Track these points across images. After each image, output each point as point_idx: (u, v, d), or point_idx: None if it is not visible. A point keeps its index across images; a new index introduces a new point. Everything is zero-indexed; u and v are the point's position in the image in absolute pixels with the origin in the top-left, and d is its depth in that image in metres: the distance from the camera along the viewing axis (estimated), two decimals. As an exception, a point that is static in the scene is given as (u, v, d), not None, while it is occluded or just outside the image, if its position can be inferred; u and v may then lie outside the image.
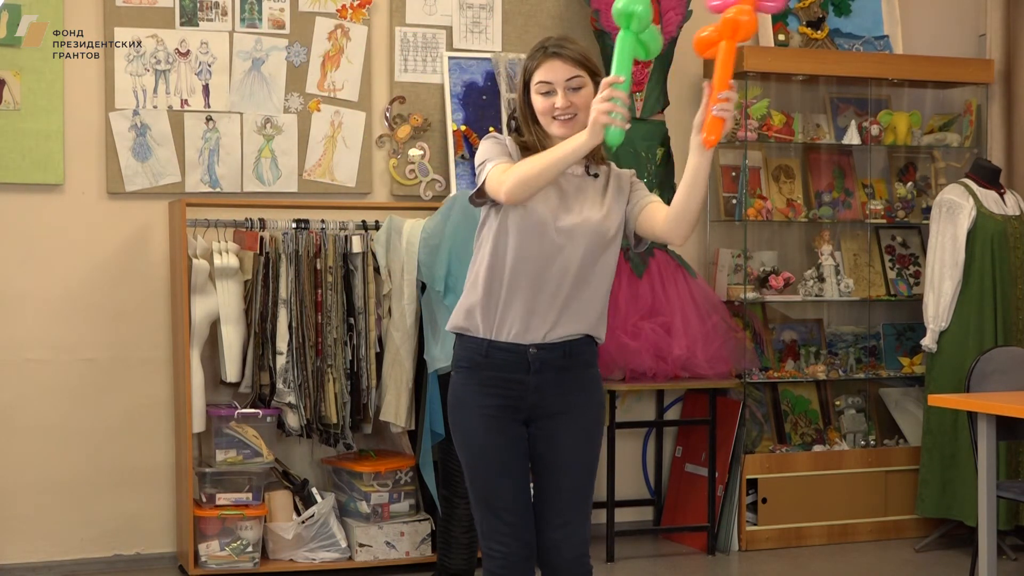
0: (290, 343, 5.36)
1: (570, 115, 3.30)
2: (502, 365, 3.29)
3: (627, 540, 6.01)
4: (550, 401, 3.31)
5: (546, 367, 3.29)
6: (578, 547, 3.34)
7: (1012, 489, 4.94)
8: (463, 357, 3.35)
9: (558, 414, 3.32)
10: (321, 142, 5.80)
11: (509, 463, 3.31)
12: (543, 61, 3.32)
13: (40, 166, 5.47)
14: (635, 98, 5.97)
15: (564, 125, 3.29)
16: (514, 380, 3.29)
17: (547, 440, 3.33)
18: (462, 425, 3.35)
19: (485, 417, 3.30)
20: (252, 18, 5.72)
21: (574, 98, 3.30)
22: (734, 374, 6.03)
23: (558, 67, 3.31)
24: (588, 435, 3.35)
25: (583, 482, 3.36)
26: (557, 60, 3.31)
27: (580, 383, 3.33)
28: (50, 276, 5.51)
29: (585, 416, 3.34)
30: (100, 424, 5.55)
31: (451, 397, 3.38)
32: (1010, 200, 6.14)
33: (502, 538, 3.30)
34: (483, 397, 3.30)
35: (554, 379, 3.30)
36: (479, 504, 3.34)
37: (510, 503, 3.30)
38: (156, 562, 5.60)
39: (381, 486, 5.48)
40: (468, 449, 3.34)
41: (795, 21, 6.51)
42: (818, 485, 6.14)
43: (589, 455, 3.36)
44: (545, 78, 3.31)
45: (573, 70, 3.31)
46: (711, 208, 6.38)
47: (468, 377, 3.33)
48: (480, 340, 3.30)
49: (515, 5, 6.09)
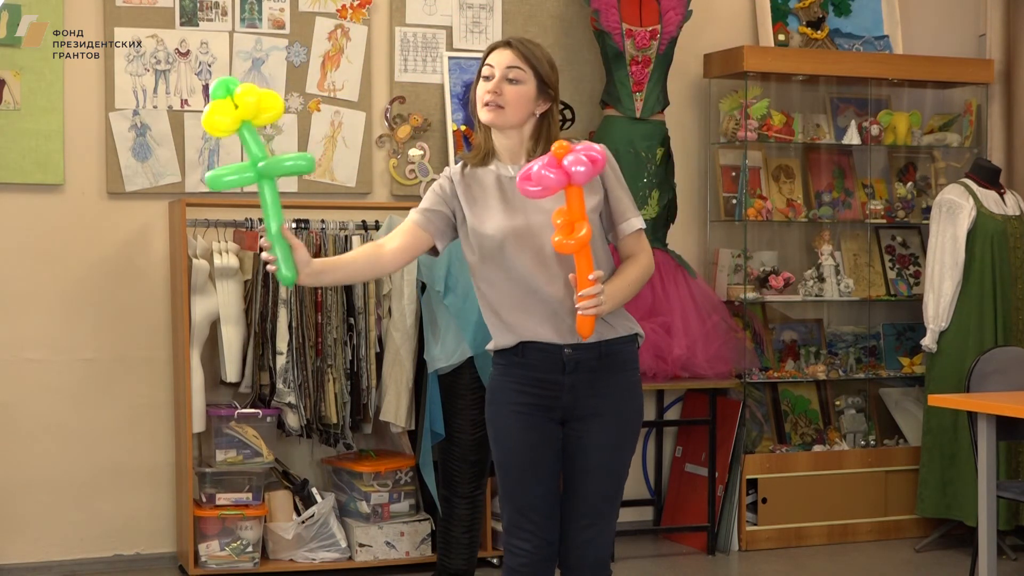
0: (290, 343, 5.36)
1: (497, 104, 3.26)
2: (537, 364, 3.28)
3: (627, 540, 6.01)
4: (584, 402, 3.30)
5: (581, 367, 3.27)
6: (601, 550, 3.34)
7: (1012, 489, 4.94)
8: (500, 354, 3.34)
9: (591, 416, 3.30)
10: (321, 142, 5.80)
11: (539, 462, 3.30)
12: (494, 49, 3.32)
13: (40, 166, 5.47)
14: (635, 98, 5.97)
15: (490, 112, 3.26)
16: (548, 380, 3.28)
17: (578, 442, 3.31)
18: (496, 422, 3.34)
19: (518, 415, 3.29)
20: (252, 18, 5.72)
21: (507, 88, 3.26)
22: (734, 374, 6.03)
23: (504, 55, 3.29)
24: (620, 440, 3.33)
25: (610, 487, 3.34)
26: (506, 49, 3.30)
27: (615, 386, 3.31)
28: (50, 276, 5.51)
29: (619, 421, 3.32)
30: (100, 424, 5.55)
31: (488, 393, 3.39)
32: (1010, 200, 6.14)
33: (526, 535, 3.30)
34: (517, 395, 3.30)
35: (588, 380, 3.28)
36: (506, 501, 3.34)
37: (537, 502, 3.30)
38: (156, 562, 5.61)
39: (381, 486, 5.48)
40: (500, 446, 3.34)
41: (795, 21, 6.51)
42: (818, 485, 6.14)
43: (619, 460, 3.35)
44: (489, 62, 3.30)
45: (516, 61, 3.27)
46: (711, 208, 6.38)
47: (504, 374, 3.33)
48: (514, 345, 3.29)
49: (515, 5, 6.09)
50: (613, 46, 5.91)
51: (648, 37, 5.95)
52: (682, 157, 6.22)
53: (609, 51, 5.94)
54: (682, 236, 6.27)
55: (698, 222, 6.40)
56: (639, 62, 5.95)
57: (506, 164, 3.33)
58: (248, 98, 3.03)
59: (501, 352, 3.34)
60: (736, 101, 6.23)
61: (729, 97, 6.28)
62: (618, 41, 5.91)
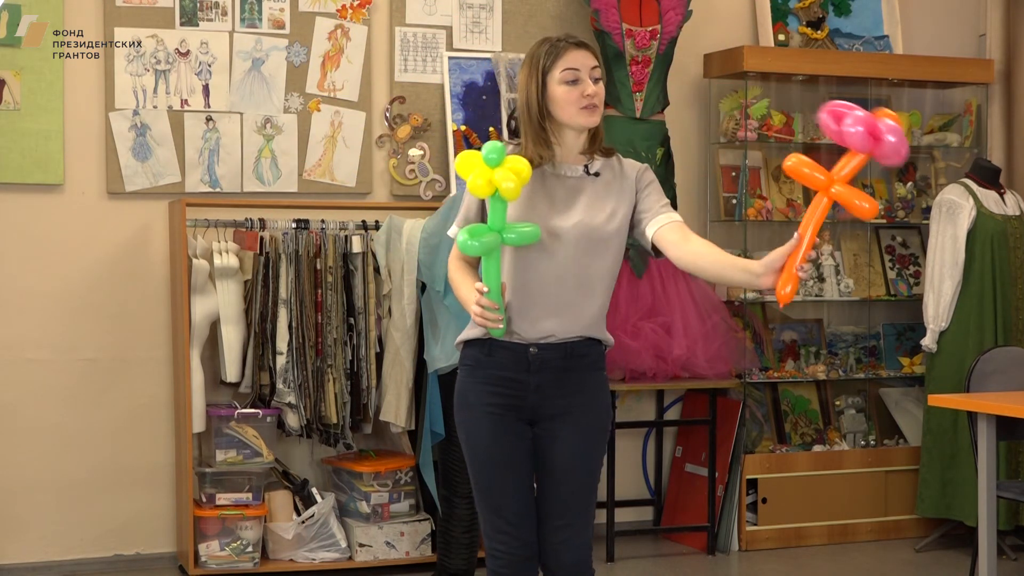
0: (290, 343, 5.36)
1: (594, 105, 3.28)
2: (503, 364, 3.28)
3: (627, 540, 6.01)
4: (551, 402, 3.29)
5: (546, 367, 3.28)
6: (578, 551, 3.32)
7: (1012, 489, 4.94)
8: (467, 355, 3.34)
9: (559, 415, 3.30)
10: (321, 142, 5.80)
11: (511, 462, 3.30)
12: (567, 50, 3.29)
13: (40, 166, 5.47)
14: (635, 98, 5.97)
15: (591, 114, 3.28)
16: (515, 379, 3.28)
17: (548, 441, 3.31)
18: (466, 423, 3.34)
19: (488, 416, 3.29)
20: (252, 18, 5.72)
21: (597, 88, 3.29)
22: (734, 374, 6.03)
23: (584, 56, 3.29)
24: (589, 438, 3.32)
25: (583, 486, 3.33)
26: (582, 50, 3.30)
27: (582, 385, 3.31)
28: (50, 276, 5.51)
29: (587, 418, 3.32)
30: (100, 424, 5.55)
31: (456, 395, 3.38)
32: (1010, 200, 6.14)
33: (504, 537, 3.30)
34: (486, 395, 3.29)
35: (555, 379, 3.29)
36: (482, 503, 3.34)
37: (512, 503, 3.29)
38: (156, 562, 5.61)
39: (381, 486, 5.48)
40: (471, 447, 3.33)
41: (795, 21, 6.51)
42: (818, 485, 6.14)
43: (590, 459, 3.34)
44: (572, 65, 3.27)
45: (596, 60, 3.31)
46: (711, 208, 6.38)
47: (471, 375, 3.33)
48: (483, 339, 3.29)
49: (515, 5, 6.09)
50: (613, 46, 5.91)
51: (648, 37, 5.95)
52: (682, 157, 6.22)
53: (609, 51, 5.94)
54: (682, 236, 6.26)
55: (698, 222, 6.39)
56: (639, 62, 5.95)
57: (561, 163, 3.31)
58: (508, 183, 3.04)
59: (469, 349, 3.33)
60: (736, 101, 6.23)
61: (729, 97, 6.28)
62: (618, 41, 5.91)
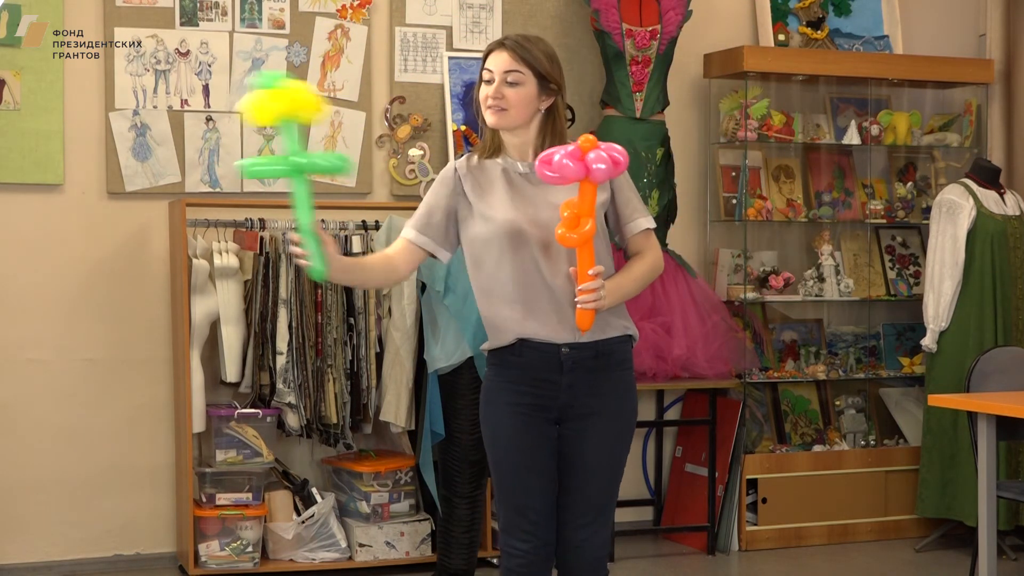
0: (290, 343, 5.36)
1: (499, 107, 3.29)
2: (534, 364, 3.28)
3: (627, 540, 6.01)
4: (582, 401, 3.30)
5: (578, 367, 3.28)
6: (598, 549, 3.35)
7: (1012, 489, 4.94)
8: (495, 356, 3.34)
9: (589, 415, 3.30)
10: (321, 142, 5.80)
11: (536, 461, 3.30)
12: (490, 52, 3.34)
13: (40, 166, 5.47)
14: (635, 98, 5.97)
15: (493, 115, 3.30)
16: (546, 379, 3.28)
17: (575, 441, 3.31)
18: (491, 421, 3.34)
19: (515, 415, 3.29)
20: (252, 18, 5.72)
21: (508, 91, 3.28)
22: (734, 374, 6.03)
23: (502, 58, 3.31)
24: (617, 439, 3.34)
25: (607, 485, 3.35)
26: (503, 52, 3.32)
27: (613, 385, 3.31)
28: (50, 276, 5.51)
29: (616, 420, 3.33)
30: (100, 424, 5.55)
31: (483, 393, 3.38)
32: (1010, 200, 6.14)
33: (524, 535, 3.30)
34: (514, 395, 3.29)
35: (586, 379, 3.29)
36: (503, 501, 3.34)
37: (534, 502, 3.30)
38: (156, 562, 5.61)
39: (381, 486, 5.49)
40: (496, 445, 3.33)
41: (795, 21, 6.51)
42: (818, 485, 6.14)
43: (616, 459, 3.36)
44: (488, 66, 3.33)
45: (514, 64, 3.29)
46: (711, 208, 6.38)
47: (499, 374, 3.32)
48: (512, 339, 3.29)
49: (515, 5, 6.09)
50: (613, 46, 5.91)
51: (648, 37, 5.95)
52: (682, 157, 6.22)
53: (609, 51, 5.94)
54: (682, 236, 6.27)
55: (698, 222, 6.40)
56: (639, 62, 5.95)
57: (515, 160, 3.34)
58: (296, 94, 3.04)
59: (496, 351, 3.33)
60: (736, 101, 6.23)
61: (729, 97, 6.28)
62: (618, 41, 5.91)
